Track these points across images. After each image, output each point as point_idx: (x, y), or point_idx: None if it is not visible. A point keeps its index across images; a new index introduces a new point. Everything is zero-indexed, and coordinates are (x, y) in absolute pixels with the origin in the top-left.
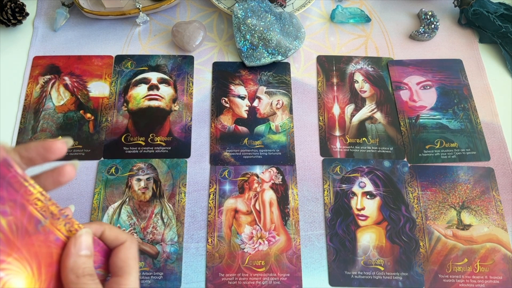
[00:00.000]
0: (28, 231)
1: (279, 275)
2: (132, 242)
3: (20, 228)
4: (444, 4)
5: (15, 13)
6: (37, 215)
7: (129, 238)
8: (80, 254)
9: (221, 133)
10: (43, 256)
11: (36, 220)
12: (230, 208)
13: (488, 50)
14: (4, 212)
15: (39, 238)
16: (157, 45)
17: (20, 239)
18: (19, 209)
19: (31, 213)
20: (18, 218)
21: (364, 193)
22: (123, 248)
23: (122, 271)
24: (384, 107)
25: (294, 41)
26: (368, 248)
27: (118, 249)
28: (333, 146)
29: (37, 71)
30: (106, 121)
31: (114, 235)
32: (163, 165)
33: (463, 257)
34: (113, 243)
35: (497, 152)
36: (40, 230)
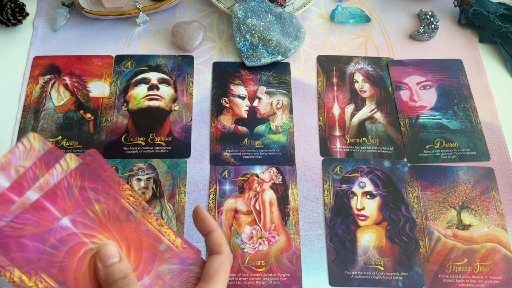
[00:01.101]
0: (119, 218)
1: (279, 275)
2: (228, 258)
3: (112, 215)
4: (444, 4)
5: (15, 13)
6: (129, 207)
7: (228, 253)
8: (107, 265)
9: (221, 133)
10: (133, 241)
11: (127, 211)
12: (230, 208)
13: (488, 50)
14: (98, 200)
15: (130, 225)
16: (157, 45)
17: (111, 222)
18: (112, 200)
19: (122, 205)
20: (110, 207)
21: (364, 193)
22: (219, 259)
23: (211, 279)
24: (384, 107)
25: (294, 41)
26: (368, 248)
27: (214, 258)
28: (333, 146)
29: (37, 71)
30: (106, 121)
31: (219, 242)
32: (163, 165)
33: (463, 257)
34: (213, 248)
35: (497, 152)
36: (131, 220)
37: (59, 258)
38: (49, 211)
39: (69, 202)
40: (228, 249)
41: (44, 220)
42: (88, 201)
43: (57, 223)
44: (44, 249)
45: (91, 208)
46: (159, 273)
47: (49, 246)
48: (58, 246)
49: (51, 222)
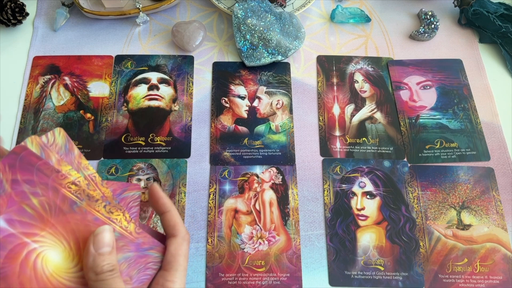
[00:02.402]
0: (63, 210)
1: (279, 275)
2: (184, 239)
3: (53, 207)
4: (444, 4)
5: (15, 13)
6: (72, 197)
7: (183, 234)
8: (100, 252)
9: (221, 133)
10: (81, 233)
11: (70, 201)
12: (230, 208)
13: (488, 50)
14: (35, 193)
15: (75, 217)
16: (157, 45)
17: (54, 216)
18: (51, 191)
19: (64, 195)
20: (50, 199)
21: (364, 193)
22: (175, 243)
23: (170, 266)
24: (384, 107)
25: (294, 41)
26: (368, 248)
27: (170, 242)
28: (333, 146)
29: (37, 71)
30: (106, 121)
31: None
32: (163, 165)
33: (463, 257)
34: (168, 230)
35: (497, 152)
36: (76, 210)
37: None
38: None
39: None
40: (183, 230)
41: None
42: (23, 195)
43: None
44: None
45: (28, 203)
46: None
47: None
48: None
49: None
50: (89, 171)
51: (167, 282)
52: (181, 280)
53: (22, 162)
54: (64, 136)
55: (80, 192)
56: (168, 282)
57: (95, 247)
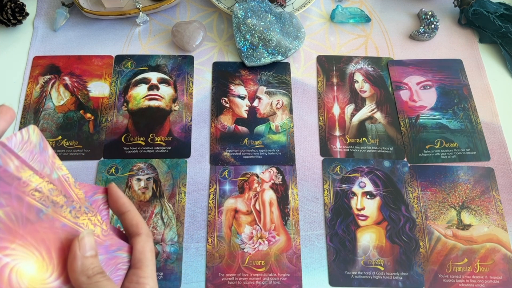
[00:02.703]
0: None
1: (279, 275)
2: (148, 236)
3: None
4: (444, 4)
5: (15, 13)
6: (37, 205)
7: (147, 231)
8: (86, 256)
9: (221, 133)
10: (51, 241)
11: (36, 210)
12: (230, 208)
13: (488, 50)
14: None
15: (43, 225)
16: (157, 45)
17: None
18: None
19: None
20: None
21: (364, 193)
22: (141, 241)
23: (140, 263)
24: (384, 107)
25: (294, 41)
26: (368, 248)
27: (136, 240)
28: (333, 146)
29: (37, 71)
30: (106, 121)
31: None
32: (163, 165)
33: (463, 257)
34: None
35: (497, 152)
36: (43, 218)
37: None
38: None
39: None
40: (146, 227)
41: None
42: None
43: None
44: None
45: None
46: None
47: None
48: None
49: None
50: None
51: (140, 278)
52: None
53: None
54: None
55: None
56: (141, 278)
57: (82, 250)
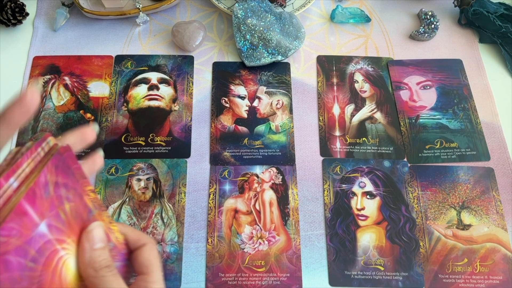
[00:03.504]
0: (83, 218)
1: (279, 275)
2: (153, 244)
3: (78, 214)
4: (444, 4)
5: (15, 13)
6: (89, 205)
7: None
8: (94, 248)
9: (221, 133)
10: None
11: (88, 209)
12: (230, 208)
13: (488, 50)
14: (68, 198)
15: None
16: (157, 45)
17: (77, 223)
18: (78, 197)
19: (85, 202)
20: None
21: (364, 193)
22: (147, 249)
23: (148, 269)
24: (384, 107)
25: (294, 41)
26: (368, 248)
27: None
28: (333, 146)
29: (37, 71)
30: (106, 121)
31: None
32: (163, 165)
33: (463, 257)
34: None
35: (497, 152)
36: (91, 219)
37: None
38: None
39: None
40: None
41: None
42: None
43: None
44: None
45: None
46: None
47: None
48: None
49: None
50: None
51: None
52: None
53: (64, 164)
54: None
55: (94, 201)
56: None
57: (90, 243)
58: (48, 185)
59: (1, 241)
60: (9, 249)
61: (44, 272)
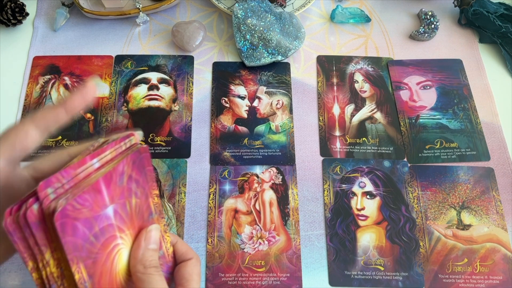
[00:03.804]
0: (143, 217)
1: (279, 275)
2: (198, 260)
3: (140, 212)
4: (444, 4)
5: (15, 13)
6: (152, 208)
7: (196, 257)
8: (148, 248)
9: (221, 133)
10: None
11: (150, 211)
12: (230, 208)
13: (488, 50)
14: (136, 193)
15: (147, 226)
16: (157, 45)
17: (137, 220)
18: (144, 197)
19: (149, 204)
20: (142, 203)
21: (364, 193)
22: (191, 264)
23: (188, 283)
24: (384, 107)
25: (294, 41)
26: (368, 248)
27: (186, 263)
28: (333, 146)
29: (37, 71)
30: (106, 121)
31: (184, 249)
32: (163, 165)
33: (463, 257)
34: (181, 257)
35: (497, 152)
36: (150, 221)
37: (96, 249)
38: (102, 196)
39: (118, 189)
40: (195, 253)
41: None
42: (129, 192)
43: (104, 211)
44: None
45: (129, 201)
46: None
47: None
48: (98, 236)
49: (101, 208)
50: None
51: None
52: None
53: (140, 162)
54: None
55: (157, 206)
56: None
57: (146, 242)
58: (124, 175)
59: (76, 207)
60: (80, 217)
61: (101, 251)
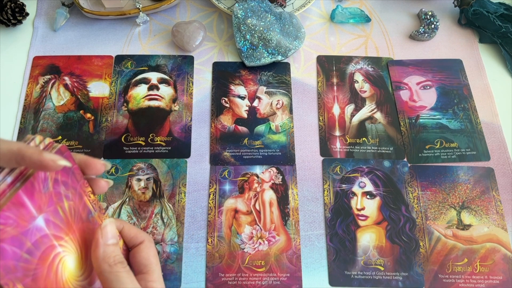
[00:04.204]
0: (82, 218)
1: (279, 275)
2: (150, 241)
3: (77, 214)
4: (444, 4)
5: (15, 13)
6: (89, 206)
7: (147, 237)
8: (108, 244)
9: (221, 133)
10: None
11: (88, 210)
12: (230, 208)
13: (488, 50)
14: (67, 196)
15: (89, 226)
16: (157, 45)
17: (76, 223)
18: (78, 197)
19: (85, 203)
20: (76, 204)
21: (364, 193)
22: (144, 248)
23: (147, 268)
24: (384, 107)
25: (294, 41)
26: (368, 248)
27: (139, 248)
28: (333, 146)
29: (37, 71)
30: (106, 121)
31: (133, 233)
32: (163, 165)
33: (463, 257)
34: (131, 241)
35: (497, 152)
36: (90, 220)
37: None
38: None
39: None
40: (145, 234)
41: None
42: (59, 197)
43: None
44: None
45: (61, 206)
46: None
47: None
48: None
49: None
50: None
51: (149, 282)
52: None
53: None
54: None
55: (95, 203)
56: (151, 283)
57: (104, 238)
58: (48, 180)
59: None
60: (5, 238)
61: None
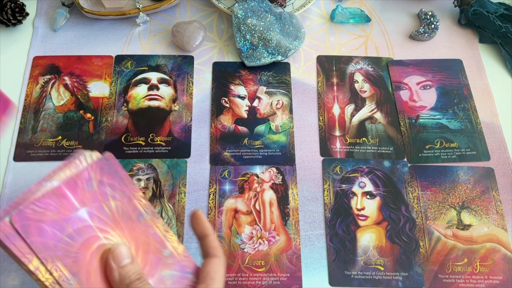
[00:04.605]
0: (131, 218)
1: (279, 275)
2: (225, 262)
3: (125, 213)
4: (444, 4)
5: (15, 13)
6: (140, 209)
7: (223, 257)
8: (121, 266)
9: (221, 133)
10: (141, 242)
11: (138, 212)
12: (230, 208)
13: (488, 50)
14: (114, 196)
15: (139, 227)
16: (157, 45)
17: (124, 221)
18: (126, 199)
19: (135, 205)
20: (124, 205)
21: (364, 193)
22: (217, 263)
23: (212, 281)
24: (384, 107)
25: (294, 41)
26: (368, 248)
27: (213, 261)
28: (333, 146)
29: (37, 71)
30: (106, 121)
31: (216, 245)
32: (163, 165)
33: (463, 257)
34: (210, 251)
35: (497, 152)
36: (141, 221)
37: (74, 249)
38: (69, 200)
39: (88, 194)
40: (223, 254)
41: (63, 208)
42: (105, 196)
43: (75, 213)
44: (61, 237)
45: (107, 204)
46: (162, 277)
47: (66, 235)
48: (74, 237)
49: (69, 211)
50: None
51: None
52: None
53: (110, 168)
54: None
55: (147, 206)
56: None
57: (116, 262)
58: (92, 181)
59: (37, 211)
60: (45, 219)
61: (81, 250)
